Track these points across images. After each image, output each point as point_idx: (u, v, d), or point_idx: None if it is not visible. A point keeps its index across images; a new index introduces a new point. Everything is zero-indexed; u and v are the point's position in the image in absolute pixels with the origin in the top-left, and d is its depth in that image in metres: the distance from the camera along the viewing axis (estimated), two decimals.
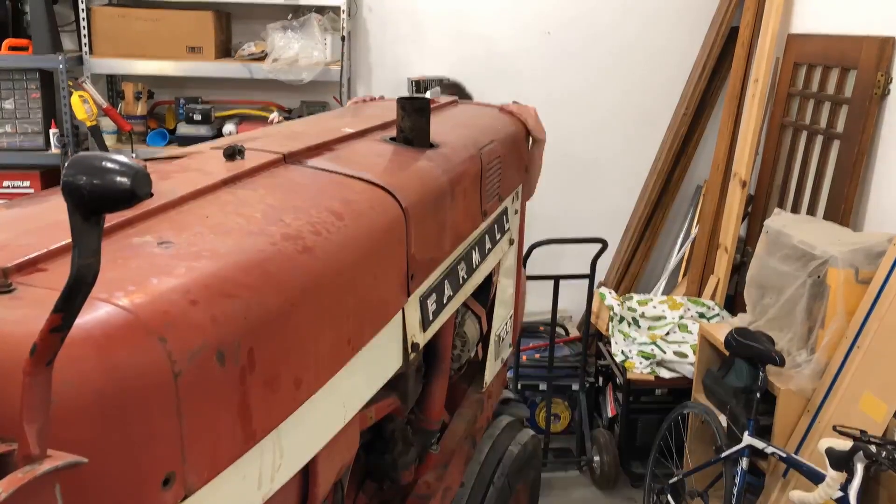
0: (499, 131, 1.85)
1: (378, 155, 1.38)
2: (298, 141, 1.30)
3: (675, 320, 3.39)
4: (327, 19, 3.59)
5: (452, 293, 1.47)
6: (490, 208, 1.68)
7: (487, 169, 1.61)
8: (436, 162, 1.40)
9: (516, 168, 1.94)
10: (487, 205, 1.64)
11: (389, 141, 1.47)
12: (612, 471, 3.25)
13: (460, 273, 1.52)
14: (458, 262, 1.50)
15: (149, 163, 1.15)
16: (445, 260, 1.41)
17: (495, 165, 1.68)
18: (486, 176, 1.61)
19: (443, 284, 1.41)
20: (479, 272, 1.67)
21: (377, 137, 1.49)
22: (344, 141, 1.40)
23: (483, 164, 1.59)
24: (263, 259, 0.84)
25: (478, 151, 1.60)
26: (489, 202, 1.66)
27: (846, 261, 2.39)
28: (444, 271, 1.42)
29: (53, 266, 0.75)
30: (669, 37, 3.89)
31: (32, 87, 3.46)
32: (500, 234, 1.83)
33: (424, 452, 1.61)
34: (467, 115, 1.97)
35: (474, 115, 2.00)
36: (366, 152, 1.38)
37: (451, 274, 1.46)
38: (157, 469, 0.68)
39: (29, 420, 0.57)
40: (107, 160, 0.55)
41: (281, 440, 0.86)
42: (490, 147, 1.67)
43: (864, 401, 2.28)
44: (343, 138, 1.40)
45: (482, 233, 1.67)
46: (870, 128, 2.81)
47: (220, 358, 0.73)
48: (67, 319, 0.56)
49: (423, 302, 1.31)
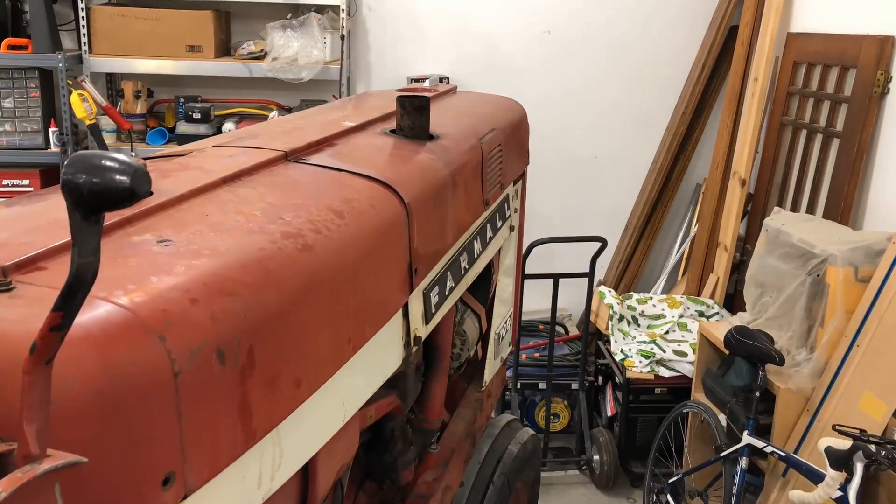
0: (499, 119, 1.83)
1: (379, 149, 1.37)
2: (298, 137, 1.30)
3: (675, 319, 3.39)
4: (327, 18, 3.59)
5: (454, 284, 1.47)
6: (492, 197, 1.67)
7: (488, 158, 1.60)
8: (437, 154, 1.39)
9: (517, 154, 1.92)
10: (489, 194, 1.63)
11: (390, 133, 1.46)
12: (611, 470, 3.24)
13: (462, 264, 1.51)
14: (460, 253, 1.50)
15: (148, 161, 1.15)
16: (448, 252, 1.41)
17: (496, 154, 1.67)
18: (487, 165, 1.59)
19: (445, 276, 1.41)
20: (481, 261, 1.66)
21: (378, 130, 1.49)
22: (344, 135, 1.39)
23: (484, 154, 1.58)
24: (263, 257, 0.84)
25: (478, 141, 1.59)
26: (491, 191, 1.65)
27: (846, 259, 2.39)
28: (447, 263, 1.41)
29: (53, 265, 0.74)
30: (669, 35, 3.89)
31: (32, 85, 3.46)
32: (501, 222, 1.81)
33: (424, 452, 1.60)
34: (467, 104, 1.95)
35: (474, 102, 1.98)
36: (366, 146, 1.37)
37: (453, 265, 1.45)
38: (157, 468, 0.67)
39: (28, 419, 0.57)
40: (106, 159, 0.55)
41: (281, 439, 0.86)
42: (491, 136, 1.66)
43: (864, 400, 2.28)
44: (343, 132, 1.39)
45: (484, 222, 1.66)
46: (869, 126, 2.81)
47: (219, 357, 0.72)
48: (67, 318, 0.56)
49: (426, 295, 1.31)
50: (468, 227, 1.53)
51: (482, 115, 1.81)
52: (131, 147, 3.49)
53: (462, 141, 1.53)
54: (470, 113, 1.83)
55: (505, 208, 1.85)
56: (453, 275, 1.46)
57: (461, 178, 1.43)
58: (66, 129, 3.47)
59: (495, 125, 1.75)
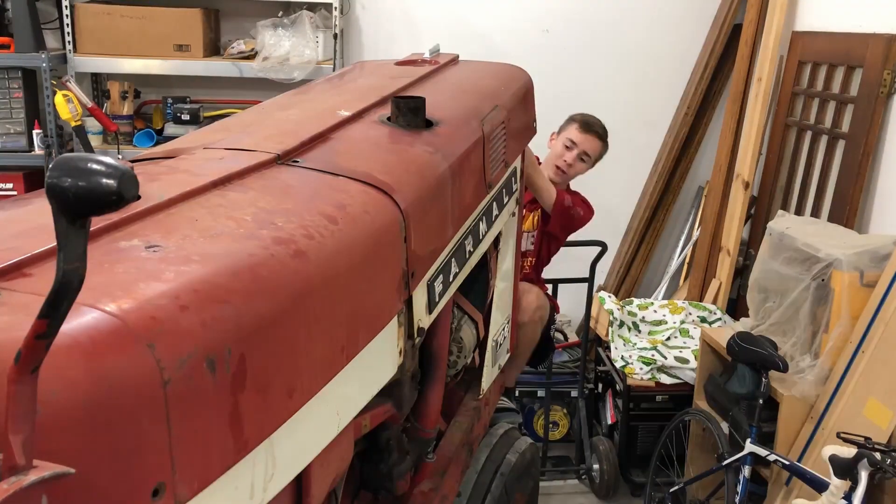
0: (502, 93, 1.76)
1: (374, 145, 1.34)
2: (291, 133, 1.26)
3: (677, 325, 3.38)
4: (319, 17, 3.54)
5: (459, 269, 1.44)
6: (496, 178, 1.62)
7: (491, 140, 1.55)
8: (435, 146, 1.36)
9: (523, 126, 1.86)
10: (492, 176, 1.59)
11: (387, 122, 1.42)
12: (611, 479, 3.22)
13: (467, 248, 1.49)
14: (464, 238, 1.47)
15: (136, 164, 1.14)
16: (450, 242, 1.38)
17: (500, 134, 1.62)
18: (489, 148, 1.55)
19: (449, 263, 1.39)
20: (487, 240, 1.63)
21: (374, 118, 1.44)
22: (339, 128, 1.35)
23: (486, 137, 1.53)
24: (255, 263, 0.83)
25: (480, 124, 1.54)
26: (494, 173, 1.60)
27: (851, 263, 2.38)
28: (450, 251, 1.39)
29: (38, 271, 0.73)
30: (670, 35, 3.87)
31: (15, 86, 3.39)
32: (507, 197, 1.77)
33: (420, 461, 1.58)
34: (469, 77, 1.88)
35: (476, 75, 1.90)
36: (362, 142, 1.33)
37: (457, 251, 1.43)
38: (147, 480, 0.67)
39: (14, 430, 0.56)
40: (92, 161, 0.55)
41: (273, 449, 0.85)
42: (493, 115, 1.60)
43: (869, 407, 2.26)
44: (338, 125, 1.35)
45: (489, 202, 1.62)
46: (876, 127, 2.79)
47: (210, 365, 0.71)
48: (53, 326, 0.55)
49: (430, 285, 1.29)
50: (470, 213, 1.49)
51: (484, 91, 1.74)
52: (118, 149, 3.44)
53: (462, 127, 1.49)
54: (471, 89, 1.76)
55: (511, 182, 1.79)
56: (458, 261, 1.43)
57: (462, 168, 1.40)
58: (51, 131, 3.41)
59: (498, 100, 1.69)
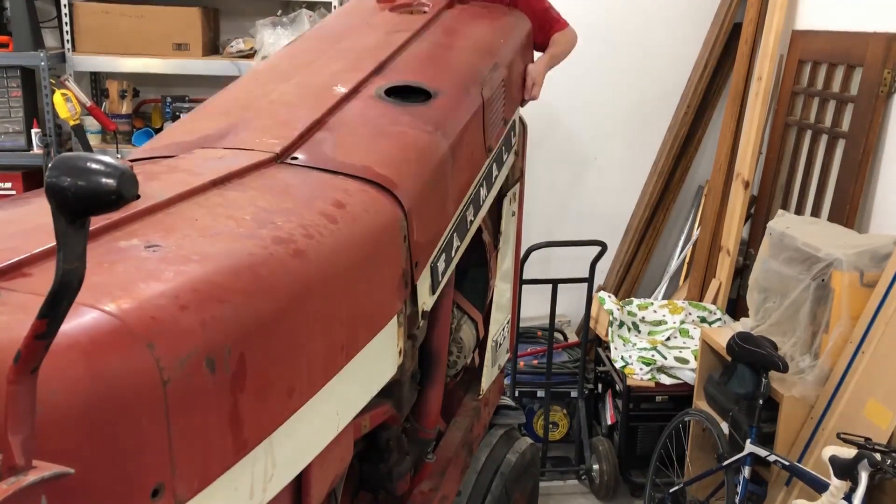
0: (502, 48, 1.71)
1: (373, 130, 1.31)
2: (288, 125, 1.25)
3: (676, 325, 3.37)
4: (318, 15, 3.51)
5: (460, 242, 1.43)
6: (495, 139, 1.60)
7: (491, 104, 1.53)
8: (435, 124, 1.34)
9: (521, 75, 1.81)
10: (492, 140, 1.56)
11: (385, 98, 1.40)
12: (611, 480, 3.22)
13: (468, 218, 1.47)
14: (465, 209, 1.45)
15: (135, 163, 1.13)
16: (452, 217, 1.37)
17: (499, 94, 1.58)
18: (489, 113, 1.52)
19: (451, 240, 1.38)
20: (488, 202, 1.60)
21: (371, 92, 1.42)
22: (336, 109, 1.33)
23: (486, 102, 1.50)
24: (254, 263, 0.83)
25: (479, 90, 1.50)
26: (493, 135, 1.58)
27: (851, 263, 2.37)
28: (452, 227, 1.38)
29: (38, 270, 0.73)
30: (670, 34, 3.85)
31: (13, 85, 3.38)
32: (506, 154, 1.73)
33: (420, 461, 1.58)
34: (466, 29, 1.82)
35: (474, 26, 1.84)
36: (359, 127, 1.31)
37: (459, 225, 1.41)
38: (146, 479, 0.67)
39: (13, 430, 0.56)
40: (92, 161, 0.55)
41: (273, 449, 0.85)
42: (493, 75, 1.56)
43: (869, 407, 2.26)
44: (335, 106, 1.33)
45: (488, 165, 1.59)
46: (876, 126, 2.79)
47: (210, 365, 0.71)
48: (52, 325, 0.55)
49: (433, 267, 1.29)
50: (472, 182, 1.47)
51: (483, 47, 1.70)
52: (117, 149, 3.42)
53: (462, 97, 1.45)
54: (470, 45, 1.70)
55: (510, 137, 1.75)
56: (459, 234, 1.42)
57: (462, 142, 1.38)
58: (50, 130, 3.39)
59: (498, 56, 1.65)
